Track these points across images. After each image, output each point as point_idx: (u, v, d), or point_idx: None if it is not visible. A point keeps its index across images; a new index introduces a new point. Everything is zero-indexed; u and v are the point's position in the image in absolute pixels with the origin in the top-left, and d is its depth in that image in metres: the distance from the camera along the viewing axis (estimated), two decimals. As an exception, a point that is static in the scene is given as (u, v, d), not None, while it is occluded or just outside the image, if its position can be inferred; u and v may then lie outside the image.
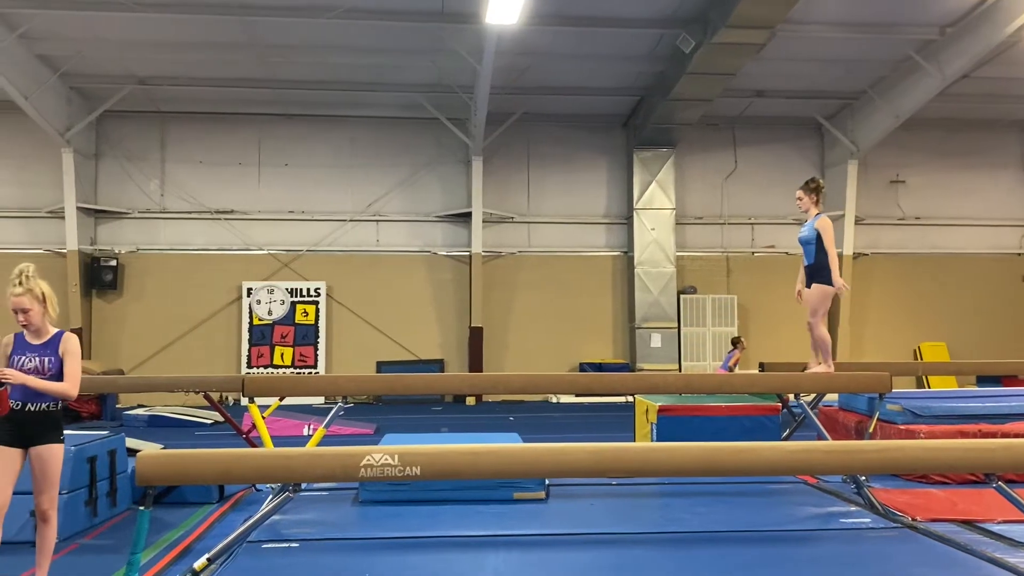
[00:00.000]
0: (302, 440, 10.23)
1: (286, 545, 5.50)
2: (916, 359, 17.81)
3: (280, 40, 14.28)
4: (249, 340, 17.06)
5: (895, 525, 5.95)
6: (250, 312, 17.10)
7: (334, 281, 17.44)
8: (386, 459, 3.73)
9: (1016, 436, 6.97)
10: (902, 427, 7.79)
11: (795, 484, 7.40)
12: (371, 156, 17.61)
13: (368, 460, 3.73)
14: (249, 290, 17.14)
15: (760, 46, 13.42)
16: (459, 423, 13.15)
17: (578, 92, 16.74)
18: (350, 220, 17.53)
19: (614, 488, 7.21)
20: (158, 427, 12.44)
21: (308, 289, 17.27)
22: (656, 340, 17.45)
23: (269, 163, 17.47)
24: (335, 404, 6.92)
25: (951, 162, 18.57)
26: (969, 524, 5.96)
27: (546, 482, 6.87)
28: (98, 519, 6.16)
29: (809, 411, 7.26)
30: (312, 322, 17.22)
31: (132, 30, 13.75)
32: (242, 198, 17.38)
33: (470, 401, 16.79)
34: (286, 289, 17.22)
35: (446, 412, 15.24)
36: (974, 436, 7.36)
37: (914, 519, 6.03)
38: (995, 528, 5.84)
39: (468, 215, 17.14)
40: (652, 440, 8.41)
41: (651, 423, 8.66)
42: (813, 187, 7.33)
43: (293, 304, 17.20)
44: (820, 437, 6.94)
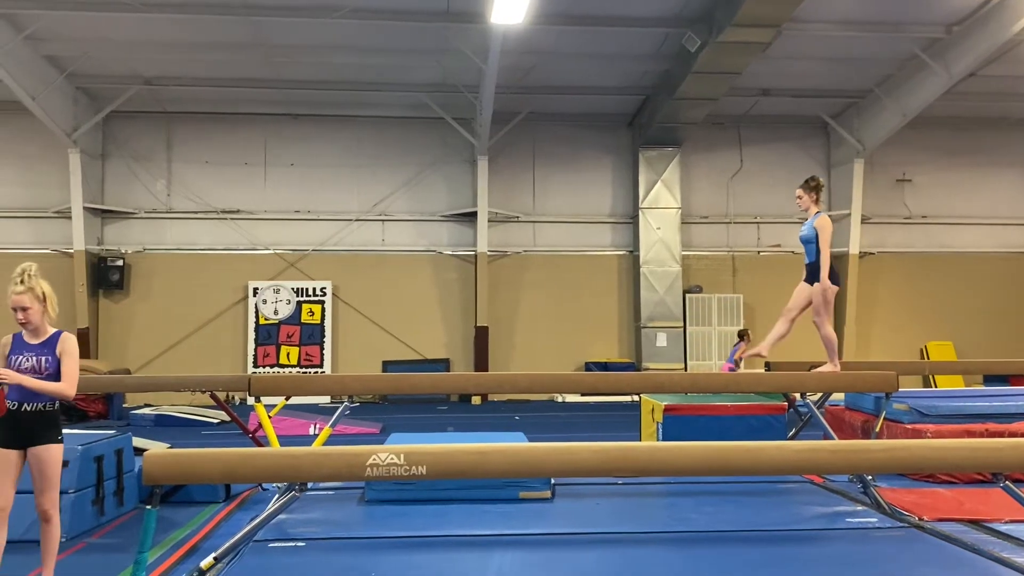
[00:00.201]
0: (308, 439, 10.24)
1: (292, 544, 5.52)
2: (923, 358, 17.74)
3: (286, 40, 14.30)
4: (255, 340, 17.10)
5: (902, 525, 5.93)
6: (256, 312, 17.14)
7: (340, 281, 17.46)
8: (392, 458, 3.73)
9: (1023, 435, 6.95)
10: (909, 426, 7.77)
11: (801, 483, 7.39)
12: (377, 156, 17.63)
13: (374, 459, 3.73)
14: (255, 290, 17.18)
15: (766, 45, 13.40)
16: (465, 422, 13.16)
17: (583, 91, 16.73)
18: (356, 220, 17.55)
19: (620, 487, 7.21)
20: (165, 426, 12.47)
21: (314, 289, 17.29)
22: (662, 339, 17.44)
23: (275, 163, 17.50)
24: (341, 403, 6.92)
25: (958, 161, 18.50)
26: (976, 524, 5.94)
27: (552, 481, 6.87)
28: (105, 518, 6.18)
29: (815, 410, 7.24)
30: (318, 322, 17.24)
31: (138, 31, 13.79)
32: (248, 198, 17.42)
33: (476, 400, 16.79)
34: (292, 289, 17.25)
35: (452, 411, 15.25)
36: (981, 435, 7.35)
37: (921, 519, 6.01)
38: (1002, 528, 5.82)
39: (474, 215, 17.14)
40: (658, 439, 8.40)
41: (657, 422, 8.66)
42: (813, 186, 7.33)
43: (299, 304, 17.23)
44: (826, 436, 6.91)
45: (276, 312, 17.17)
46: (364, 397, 15.16)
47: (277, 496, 6.54)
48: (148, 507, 3.78)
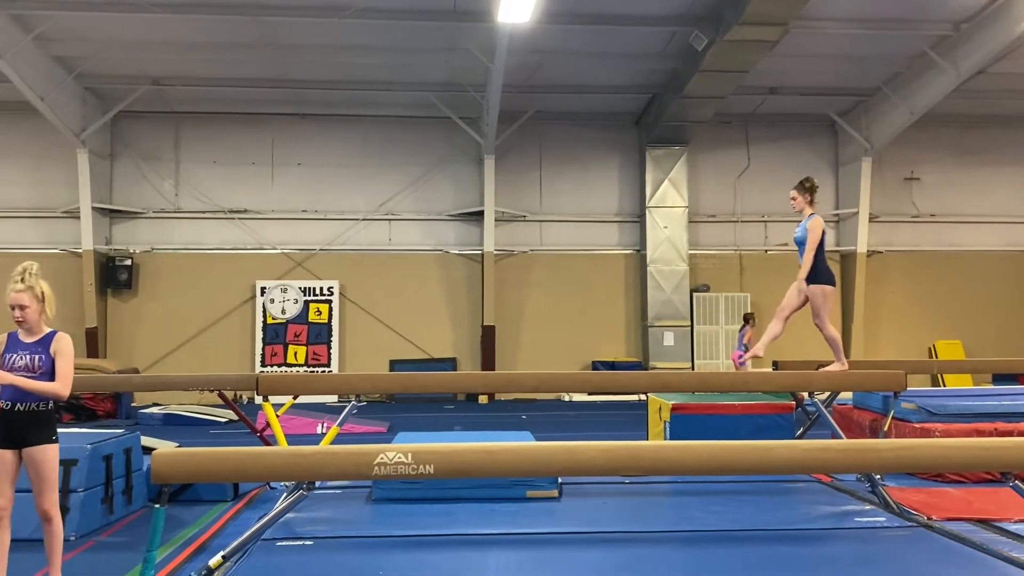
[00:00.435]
0: (316, 438, 10.27)
1: (300, 543, 5.53)
2: (931, 357, 17.68)
3: (293, 40, 14.33)
4: (263, 339, 17.14)
5: (910, 524, 5.92)
6: (264, 311, 17.18)
7: (347, 280, 17.49)
8: (399, 457, 3.73)
9: (1033, 435, 6.93)
10: (917, 425, 7.74)
11: (809, 483, 7.38)
12: (384, 155, 17.65)
13: (381, 458, 3.73)
14: (263, 289, 17.22)
15: (773, 43, 13.36)
16: (472, 421, 13.17)
17: (590, 90, 16.71)
18: (363, 219, 17.57)
19: (627, 487, 7.20)
20: (173, 425, 12.50)
21: (321, 288, 17.33)
22: (669, 338, 17.41)
23: (282, 163, 17.54)
24: (348, 402, 6.95)
25: (966, 159, 18.42)
26: (985, 523, 5.92)
27: (559, 480, 6.87)
28: (114, 517, 6.20)
29: (823, 409, 7.23)
30: (325, 321, 17.27)
31: (147, 31, 13.83)
32: (255, 198, 17.46)
33: (483, 399, 16.80)
34: (299, 288, 17.28)
35: (459, 410, 15.26)
36: (990, 435, 7.32)
37: (929, 518, 6.00)
38: (1011, 527, 5.80)
39: (480, 214, 17.15)
40: (665, 438, 8.39)
41: (664, 421, 8.64)
42: (808, 187, 7.35)
43: (306, 303, 17.26)
44: (834, 435, 6.90)
45: (283, 311, 17.21)
46: (371, 396, 15.17)
47: (285, 495, 6.57)
48: (157, 506, 3.79)
